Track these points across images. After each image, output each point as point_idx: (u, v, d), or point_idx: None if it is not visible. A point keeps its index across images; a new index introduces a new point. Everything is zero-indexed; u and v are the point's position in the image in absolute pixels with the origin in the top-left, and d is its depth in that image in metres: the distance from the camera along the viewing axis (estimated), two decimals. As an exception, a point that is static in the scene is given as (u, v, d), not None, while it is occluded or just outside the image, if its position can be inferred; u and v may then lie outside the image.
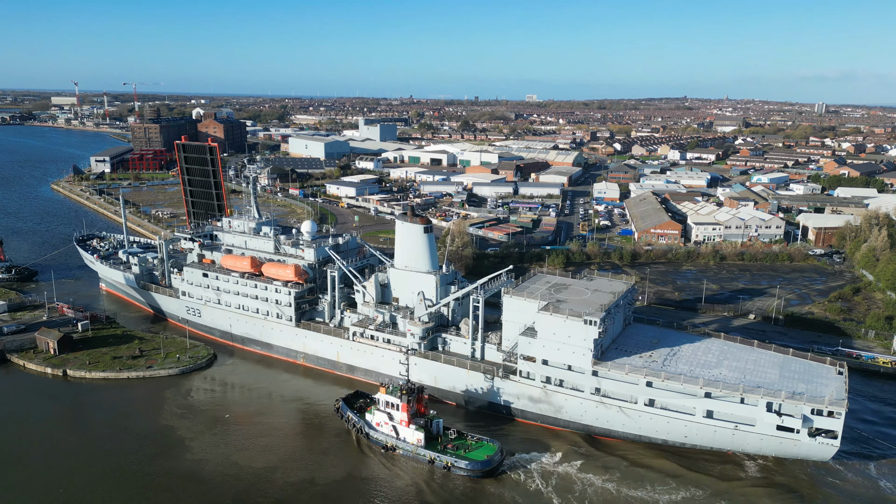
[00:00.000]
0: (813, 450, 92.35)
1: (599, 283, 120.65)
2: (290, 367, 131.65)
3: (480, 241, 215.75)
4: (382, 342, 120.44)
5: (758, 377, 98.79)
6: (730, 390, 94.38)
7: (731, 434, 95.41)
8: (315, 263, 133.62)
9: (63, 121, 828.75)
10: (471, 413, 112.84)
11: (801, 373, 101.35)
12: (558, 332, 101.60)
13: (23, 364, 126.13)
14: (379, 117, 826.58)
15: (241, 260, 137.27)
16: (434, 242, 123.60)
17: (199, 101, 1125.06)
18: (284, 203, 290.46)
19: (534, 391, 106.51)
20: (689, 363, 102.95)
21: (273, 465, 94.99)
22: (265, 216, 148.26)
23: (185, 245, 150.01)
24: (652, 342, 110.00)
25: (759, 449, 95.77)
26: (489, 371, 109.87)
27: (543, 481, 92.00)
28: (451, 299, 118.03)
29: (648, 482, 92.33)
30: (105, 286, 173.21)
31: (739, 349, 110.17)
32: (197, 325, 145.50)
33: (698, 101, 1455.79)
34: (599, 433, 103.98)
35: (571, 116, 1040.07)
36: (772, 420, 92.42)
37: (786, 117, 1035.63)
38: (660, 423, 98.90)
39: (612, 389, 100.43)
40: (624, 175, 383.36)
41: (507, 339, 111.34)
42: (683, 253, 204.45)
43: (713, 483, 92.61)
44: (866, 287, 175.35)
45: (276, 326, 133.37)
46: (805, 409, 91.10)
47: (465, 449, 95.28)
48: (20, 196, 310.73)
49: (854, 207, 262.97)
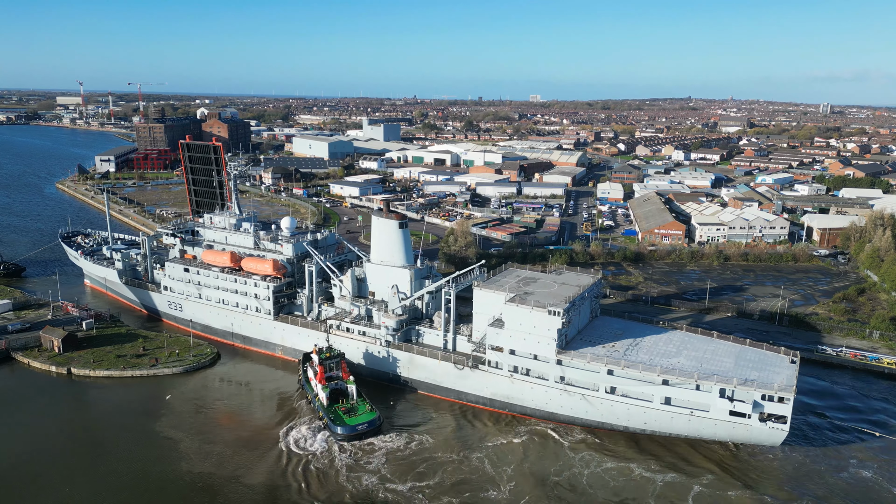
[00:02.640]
0: (764, 434, 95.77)
1: (567, 276, 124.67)
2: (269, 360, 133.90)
3: (484, 242, 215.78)
4: (358, 334, 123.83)
5: (714, 365, 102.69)
6: (685, 378, 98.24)
7: (687, 420, 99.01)
8: (293, 258, 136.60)
9: (68, 120, 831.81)
10: (438, 402, 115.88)
11: (756, 361, 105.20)
12: (524, 322, 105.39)
13: (27, 362, 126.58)
14: (383, 117, 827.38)
15: (222, 255, 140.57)
16: (409, 238, 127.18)
17: (204, 100, 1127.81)
18: (288, 203, 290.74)
19: (502, 381, 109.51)
20: (650, 353, 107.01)
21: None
22: (245, 213, 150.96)
23: (168, 241, 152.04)
24: (616, 333, 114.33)
25: (714, 434, 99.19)
26: (459, 362, 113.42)
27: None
28: (424, 292, 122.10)
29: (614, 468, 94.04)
30: (89, 282, 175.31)
31: (699, 340, 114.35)
32: (179, 319, 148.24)
33: (703, 101, 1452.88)
34: (564, 420, 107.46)
35: (575, 116, 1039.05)
36: (724, 406, 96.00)
37: (791, 118, 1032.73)
38: (620, 410, 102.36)
39: (575, 378, 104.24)
40: (628, 175, 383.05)
41: (477, 331, 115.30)
42: (687, 253, 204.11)
43: (665, 469, 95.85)
44: (871, 288, 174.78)
45: (254, 320, 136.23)
46: (756, 395, 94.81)
47: (353, 413, 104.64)
48: (25, 196, 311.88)
49: (859, 208, 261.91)
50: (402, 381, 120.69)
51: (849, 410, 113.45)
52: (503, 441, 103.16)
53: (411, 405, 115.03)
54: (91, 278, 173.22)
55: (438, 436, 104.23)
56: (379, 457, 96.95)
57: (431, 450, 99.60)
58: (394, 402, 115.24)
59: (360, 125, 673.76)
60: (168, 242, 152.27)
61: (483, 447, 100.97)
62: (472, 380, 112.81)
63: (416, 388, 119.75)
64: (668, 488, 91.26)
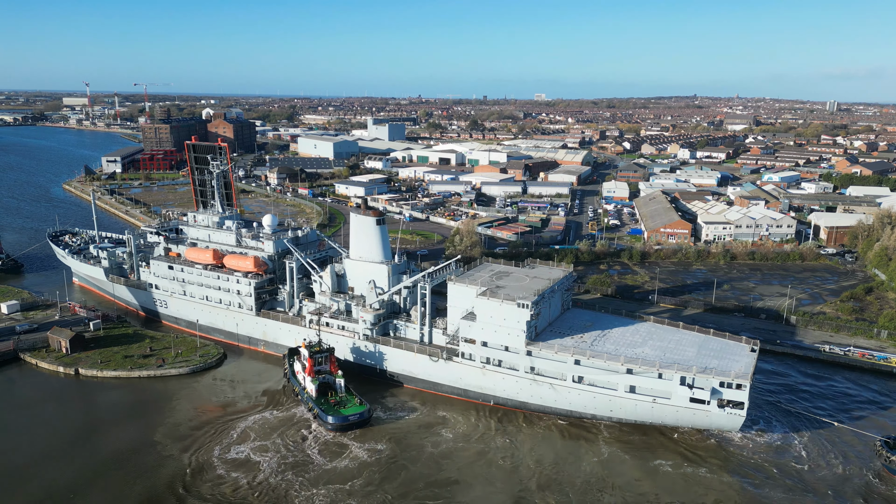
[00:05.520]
0: (723, 420, 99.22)
1: (539, 270, 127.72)
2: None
3: (489, 241, 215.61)
4: (337, 329, 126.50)
5: (677, 355, 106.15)
6: (648, 366, 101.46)
7: (650, 407, 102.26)
8: (275, 255, 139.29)
9: (74, 121, 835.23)
10: (415, 393, 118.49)
11: (718, 350, 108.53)
12: (495, 315, 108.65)
13: (35, 363, 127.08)
14: (387, 117, 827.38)
15: (205, 252, 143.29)
16: (387, 234, 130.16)
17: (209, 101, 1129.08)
18: (294, 203, 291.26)
19: (475, 372, 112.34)
20: (616, 343, 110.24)
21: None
22: (229, 211, 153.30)
23: (152, 239, 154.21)
24: (586, 325, 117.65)
25: (676, 420, 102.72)
26: (434, 354, 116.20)
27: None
28: (401, 287, 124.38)
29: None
30: (77, 280, 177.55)
31: (665, 330, 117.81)
32: (164, 315, 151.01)
33: (708, 99, 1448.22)
34: (534, 410, 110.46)
35: (580, 115, 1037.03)
36: (685, 393, 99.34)
37: (797, 116, 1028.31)
38: (587, 399, 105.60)
39: (544, 368, 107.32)
40: (633, 174, 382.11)
41: (451, 324, 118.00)
42: (693, 252, 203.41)
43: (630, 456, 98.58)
44: (879, 287, 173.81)
45: (237, 315, 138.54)
46: (714, 382, 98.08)
47: (343, 405, 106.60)
48: (31, 197, 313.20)
49: (866, 206, 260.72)
50: (381, 374, 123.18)
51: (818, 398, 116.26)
52: (477, 432, 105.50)
53: (389, 397, 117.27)
54: (79, 276, 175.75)
55: (413, 426, 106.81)
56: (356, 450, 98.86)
57: (403, 442, 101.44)
58: (372, 393, 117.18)
59: (365, 125, 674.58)
60: (153, 241, 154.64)
61: (457, 438, 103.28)
62: (446, 371, 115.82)
63: (394, 380, 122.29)
64: (629, 471, 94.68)
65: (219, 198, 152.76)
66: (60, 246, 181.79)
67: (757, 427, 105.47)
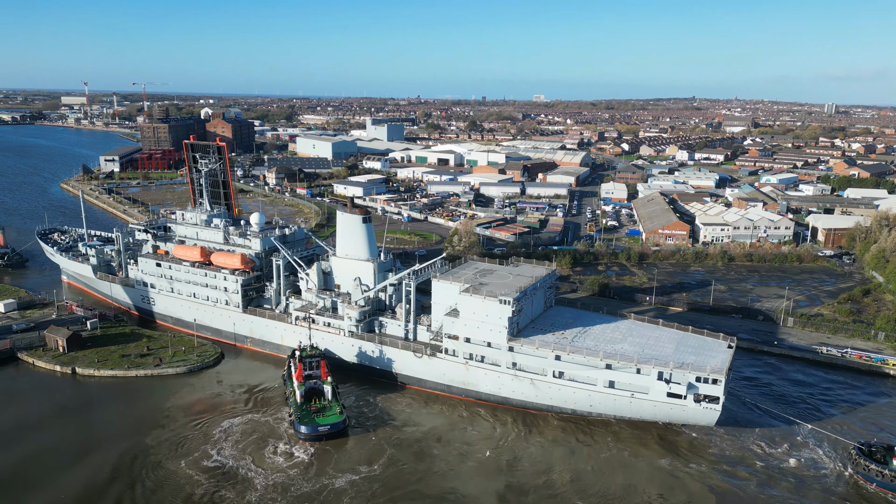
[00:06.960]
0: (699, 414, 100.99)
1: (523, 268, 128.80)
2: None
3: (487, 242, 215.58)
4: (323, 326, 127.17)
5: (655, 351, 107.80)
6: (627, 362, 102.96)
7: (629, 402, 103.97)
8: (262, 253, 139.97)
9: (73, 120, 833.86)
10: (402, 389, 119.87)
11: (695, 347, 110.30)
12: (477, 311, 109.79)
13: (32, 362, 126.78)
14: (386, 117, 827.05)
15: (192, 250, 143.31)
16: (373, 232, 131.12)
17: (208, 100, 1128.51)
18: (292, 203, 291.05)
19: (458, 367, 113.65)
20: (597, 339, 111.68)
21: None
22: (217, 209, 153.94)
23: (140, 236, 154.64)
24: (567, 322, 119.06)
25: (654, 415, 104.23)
26: (418, 350, 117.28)
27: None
28: (386, 284, 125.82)
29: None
30: (66, 278, 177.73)
31: (645, 327, 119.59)
32: (152, 313, 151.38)
33: (707, 101, 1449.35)
34: (516, 405, 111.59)
35: (579, 116, 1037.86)
36: (662, 388, 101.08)
37: (795, 118, 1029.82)
38: (567, 394, 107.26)
39: (525, 364, 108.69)
40: (632, 175, 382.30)
41: (435, 321, 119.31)
42: (691, 254, 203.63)
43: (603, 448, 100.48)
44: (876, 289, 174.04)
45: (224, 312, 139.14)
46: (690, 377, 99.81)
47: (322, 413, 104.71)
48: (30, 196, 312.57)
49: (864, 208, 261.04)
50: (366, 370, 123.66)
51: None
52: (459, 427, 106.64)
53: (373, 393, 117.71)
54: (68, 274, 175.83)
55: (397, 422, 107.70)
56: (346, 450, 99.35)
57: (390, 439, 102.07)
58: (357, 389, 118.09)
59: (364, 125, 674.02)
60: (141, 238, 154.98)
61: (441, 434, 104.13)
62: (430, 367, 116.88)
63: (379, 377, 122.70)
64: (608, 465, 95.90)
65: (207, 195, 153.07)
66: (49, 244, 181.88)
67: (738, 424, 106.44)
